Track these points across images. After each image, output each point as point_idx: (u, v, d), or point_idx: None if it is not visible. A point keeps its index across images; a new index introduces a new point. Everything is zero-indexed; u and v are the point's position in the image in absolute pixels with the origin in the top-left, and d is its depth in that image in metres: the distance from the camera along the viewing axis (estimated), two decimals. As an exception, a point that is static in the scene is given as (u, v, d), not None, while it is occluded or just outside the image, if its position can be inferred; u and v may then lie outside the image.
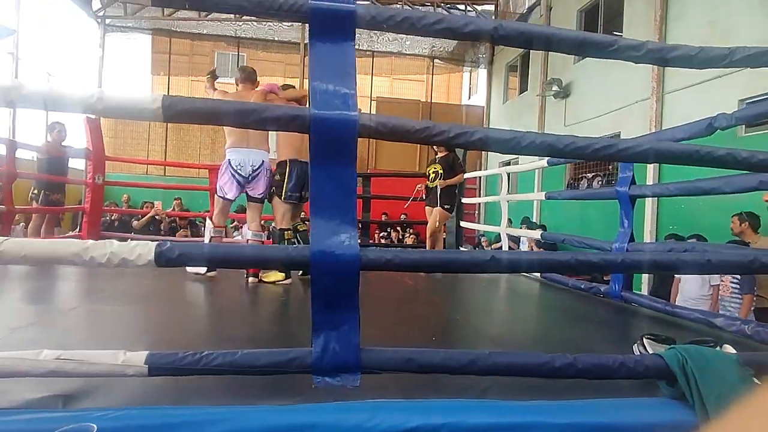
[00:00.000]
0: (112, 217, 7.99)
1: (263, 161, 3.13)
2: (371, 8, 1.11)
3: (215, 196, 3.30)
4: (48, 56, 9.15)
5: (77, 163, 6.77)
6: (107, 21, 10.82)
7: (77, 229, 6.10)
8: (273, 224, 3.58)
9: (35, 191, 4.99)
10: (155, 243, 1.02)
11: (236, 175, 3.07)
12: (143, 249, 1.00)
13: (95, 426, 0.82)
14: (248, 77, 3.29)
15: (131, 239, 1.22)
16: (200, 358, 1.05)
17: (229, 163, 3.08)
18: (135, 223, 7.81)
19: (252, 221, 3.26)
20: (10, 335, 1.66)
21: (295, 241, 3.35)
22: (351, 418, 1.04)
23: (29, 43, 8.49)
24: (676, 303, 4.10)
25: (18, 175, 4.37)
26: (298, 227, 3.44)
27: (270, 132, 3.23)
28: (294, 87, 3.78)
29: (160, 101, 0.99)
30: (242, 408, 1.04)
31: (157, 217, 7.80)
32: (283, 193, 3.22)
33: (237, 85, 3.34)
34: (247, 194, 3.18)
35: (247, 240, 3.29)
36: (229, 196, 3.14)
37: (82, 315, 2.16)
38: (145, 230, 7.59)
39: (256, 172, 3.10)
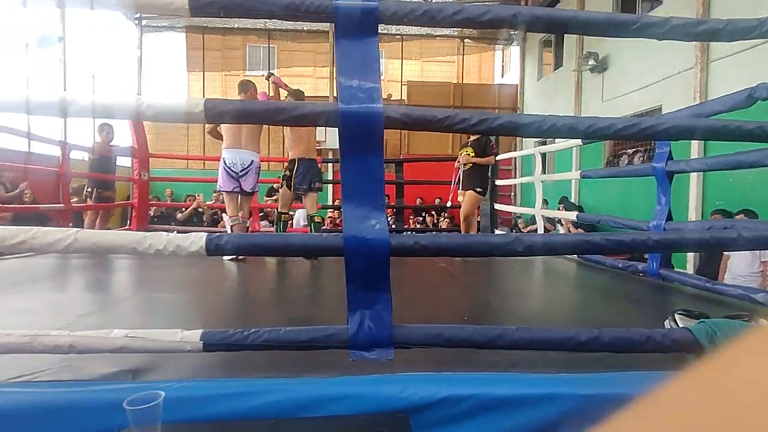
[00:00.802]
0: (153, 212, 8.41)
1: (253, 160, 3.62)
2: (393, 4, 1.16)
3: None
4: (91, 59, 9.61)
5: (122, 161, 7.16)
6: (144, 22, 11.25)
7: (127, 224, 6.50)
8: (310, 213, 3.95)
9: (89, 189, 5.35)
10: (206, 233, 1.14)
11: (230, 171, 3.57)
12: (195, 238, 1.11)
13: (163, 393, 0.94)
14: (243, 88, 3.71)
15: (176, 231, 1.34)
16: (248, 335, 1.17)
17: (224, 161, 3.57)
18: (179, 215, 8.22)
19: (241, 209, 3.75)
20: (79, 320, 1.85)
21: (310, 228, 3.90)
22: (385, 390, 1.13)
23: (75, 49, 8.91)
24: (725, 281, 3.97)
25: (72, 175, 4.72)
26: (315, 218, 3.89)
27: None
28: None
29: (202, 105, 1.09)
30: (287, 380, 1.15)
31: (199, 209, 8.17)
32: (293, 185, 3.75)
33: (239, 95, 3.73)
34: (240, 187, 3.65)
35: (231, 226, 3.71)
36: (226, 188, 3.62)
37: (139, 302, 2.35)
38: (188, 222, 7.99)
39: (246, 170, 3.59)
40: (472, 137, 4.57)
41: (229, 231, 3.76)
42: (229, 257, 3.32)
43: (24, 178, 6.55)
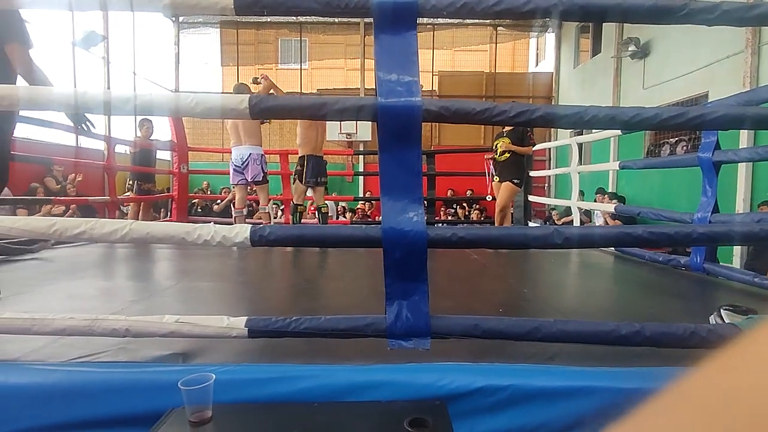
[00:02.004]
0: (194, 203, 8.71)
1: (250, 153, 4.22)
2: (431, -3, 1.17)
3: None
4: (132, 57, 9.98)
5: (161, 155, 7.43)
6: (180, 19, 11.55)
7: (168, 215, 6.76)
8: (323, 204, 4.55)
9: (130, 182, 5.59)
10: (250, 225, 1.19)
11: (234, 166, 4.27)
12: (241, 229, 1.16)
13: (214, 375, 1.00)
14: (239, 91, 4.22)
15: (213, 222, 1.40)
16: (290, 323, 1.21)
17: (231, 158, 4.28)
18: (216, 207, 8.48)
19: (260, 198, 4.49)
20: (131, 306, 1.97)
21: (318, 218, 4.50)
22: (422, 378, 1.16)
23: (116, 47, 9.27)
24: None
25: (117, 169, 4.95)
26: (322, 209, 4.49)
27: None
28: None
29: (247, 101, 1.14)
30: (329, 366, 1.19)
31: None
32: (303, 179, 4.28)
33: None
34: (245, 179, 4.27)
35: (235, 217, 4.46)
36: (233, 181, 4.34)
37: (184, 289, 2.45)
38: (224, 214, 8.23)
39: (245, 162, 4.22)
40: (509, 127, 4.50)
41: (234, 222, 4.50)
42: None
43: (73, 171, 6.91)
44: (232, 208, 4.56)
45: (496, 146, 4.60)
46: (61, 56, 7.96)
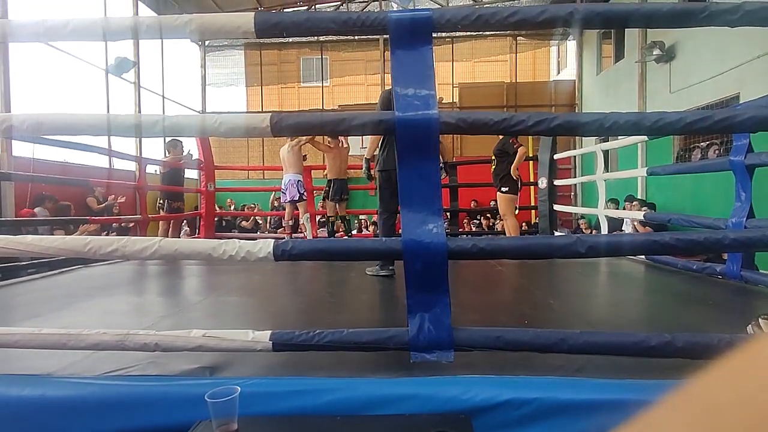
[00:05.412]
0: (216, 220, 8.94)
1: (289, 179, 5.51)
2: (446, 12, 1.18)
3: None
4: (161, 80, 10.38)
5: (189, 173, 7.66)
6: (206, 43, 11.98)
7: (196, 232, 6.94)
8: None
9: (161, 201, 5.77)
10: (273, 240, 1.22)
11: (282, 189, 5.60)
12: (264, 244, 1.19)
13: (239, 388, 1.02)
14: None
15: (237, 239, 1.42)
16: (314, 336, 1.22)
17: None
18: (244, 222, 8.69)
19: (300, 211, 5.65)
20: (161, 321, 2.02)
21: (344, 226, 5.87)
22: (447, 391, 1.14)
23: (147, 71, 9.67)
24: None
25: (148, 188, 5.13)
26: (347, 217, 5.90)
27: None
28: None
29: (268, 120, 1.17)
30: (352, 380, 1.19)
31: (258, 219, 8.63)
32: (331, 197, 5.66)
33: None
34: (288, 198, 5.53)
35: (284, 227, 6.01)
36: (282, 200, 5.68)
37: (210, 304, 2.51)
38: (249, 229, 8.44)
39: (286, 186, 5.52)
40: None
41: (284, 230, 6.05)
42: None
43: (110, 192, 7.19)
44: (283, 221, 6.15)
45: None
46: (95, 82, 8.35)
